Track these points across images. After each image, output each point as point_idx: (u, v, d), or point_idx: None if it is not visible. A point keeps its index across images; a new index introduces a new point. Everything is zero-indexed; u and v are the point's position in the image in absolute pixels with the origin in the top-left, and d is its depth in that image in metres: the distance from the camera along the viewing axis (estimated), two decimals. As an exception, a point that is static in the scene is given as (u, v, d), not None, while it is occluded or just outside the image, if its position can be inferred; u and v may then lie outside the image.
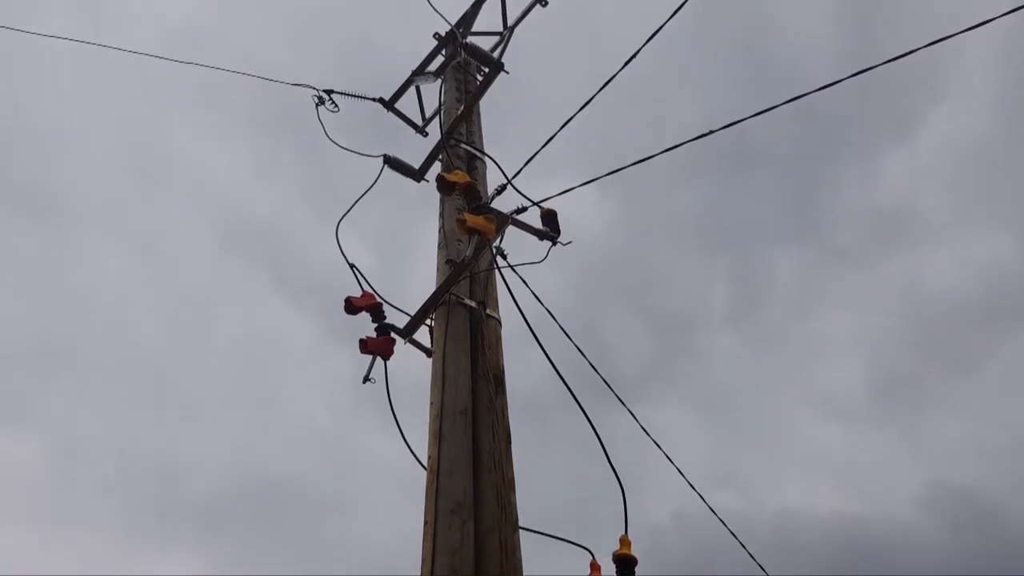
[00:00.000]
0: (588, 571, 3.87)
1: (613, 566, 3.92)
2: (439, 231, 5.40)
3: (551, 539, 4.02)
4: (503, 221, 5.00)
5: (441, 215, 5.48)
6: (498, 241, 5.03)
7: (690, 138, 4.58)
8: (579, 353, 4.88)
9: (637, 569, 3.92)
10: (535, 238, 5.29)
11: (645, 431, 4.96)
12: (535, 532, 3.99)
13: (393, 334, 4.92)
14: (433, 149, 6.32)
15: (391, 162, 6.18)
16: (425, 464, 4.10)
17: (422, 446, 4.24)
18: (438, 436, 4.04)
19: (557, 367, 4.50)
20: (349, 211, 5.66)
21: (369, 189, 5.96)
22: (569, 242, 5.28)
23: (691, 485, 5.28)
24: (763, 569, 5.57)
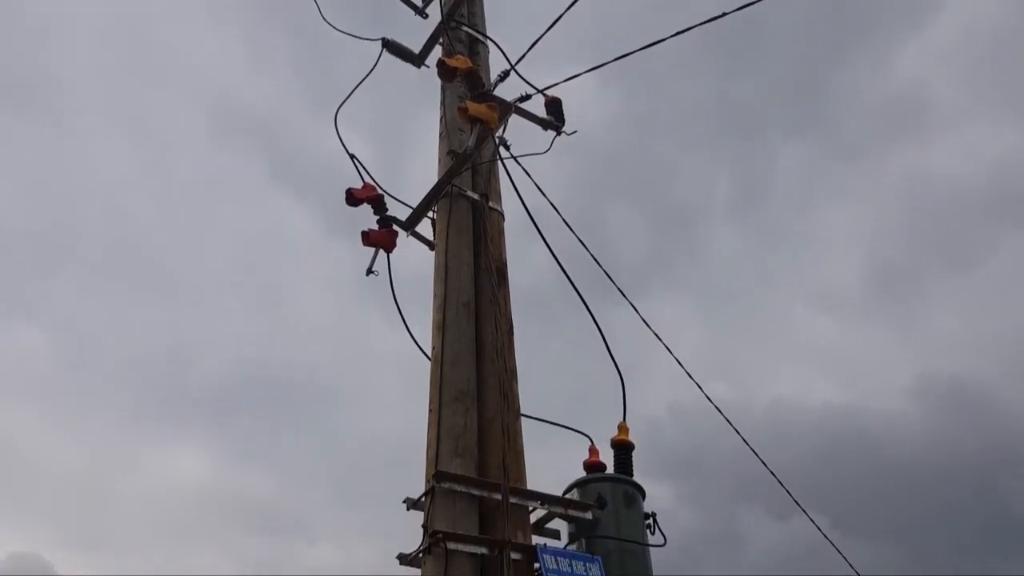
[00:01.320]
0: (588, 456, 4.00)
1: (611, 451, 4.05)
2: (440, 120, 5.26)
3: (552, 426, 4.14)
4: (506, 110, 4.86)
5: (442, 103, 5.32)
6: (501, 131, 4.91)
7: (701, 21, 4.37)
8: (580, 247, 4.86)
9: (634, 454, 4.06)
10: (538, 128, 5.16)
11: (644, 321, 5.01)
12: (536, 419, 4.10)
13: (395, 226, 4.89)
14: (433, 32, 6.06)
15: (390, 46, 5.94)
16: (429, 355, 4.16)
17: (426, 337, 4.29)
18: (441, 327, 4.08)
19: (559, 259, 4.49)
20: (348, 99, 5.48)
21: (368, 75, 5.76)
22: (573, 132, 5.16)
23: (687, 373, 5.38)
24: (757, 455, 5.75)
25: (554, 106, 5.16)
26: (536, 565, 3.43)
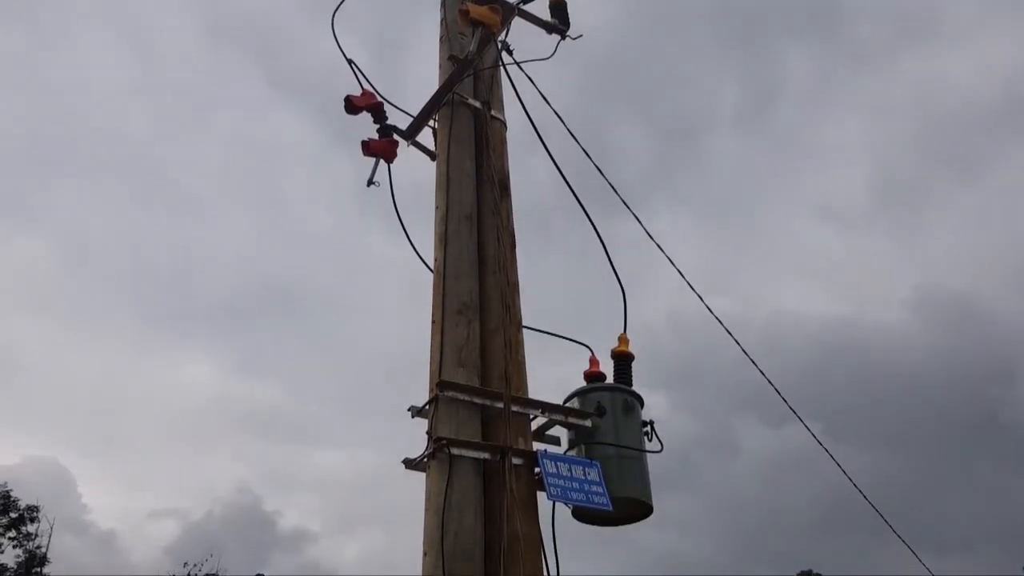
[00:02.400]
0: (588, 366, 4.06)
1: (611, 362, 4.11)
2: (440, 23, 5.08)
3: (553, 337, 4.18)
4: (509, 12, 4.69)
5: (443, 5, 5.13)
6: (503, 34, 4.76)
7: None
8: (581, 159, 4.78)
9: (633, 365, 4.12)
10: (542, 31, 4.99)
11: (646, 231, 4.99)
12: (538, 331, 4.14)
13: (396, 136, 4.80)
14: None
15: (387, -56, 5.67)
16: (431, 267, 4.16)
17: (428, 249, 4.28)
18: (443, 239, 4.07)
19: (561, 169, 4.44)
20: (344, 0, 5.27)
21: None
22: (579, 36, 4.99)
23: (688, 283, 5.40)
24: (753, 361, 5.84)
25: (559, 8, 4.97)
26: (536, 470, 3.54)
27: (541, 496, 3.52)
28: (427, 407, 3.65)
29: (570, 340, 4.16)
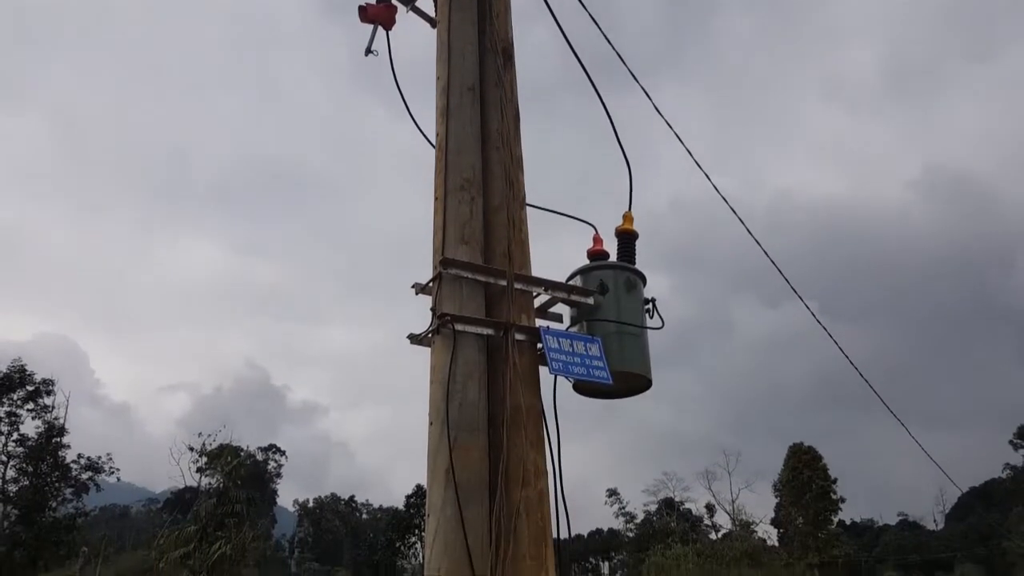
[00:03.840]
0: (592, 245, 4.04)
1: (615, 240, 4.09)
2: None
3: (556, 215, 4.14)
4: None
5: None
6: None
7: None
8: (584, 33, 4.58)
9: (636, 244, 4.10)
10: None
11: (654, 106, 4.86)
12: (541, 209, 4.10)
13: (394, 1, 4.57)
14: None
15: None
16: (433, 142, 4.07)
17: (429, 123, 4.17)
18: (445, 113, 3.95)
19: (567, 37, 4.25)
20: None
21: None
22: None
23: (695, 160, 5.32)
24: (755, 239, 5.83)
25: None
26: (539, 346, 3.60)
27: (543, 370, 3.60)
28: (431, 284, 3.67)
29: (574, 218, 4.12)
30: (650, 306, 3.93)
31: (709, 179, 4.88)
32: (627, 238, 4.08)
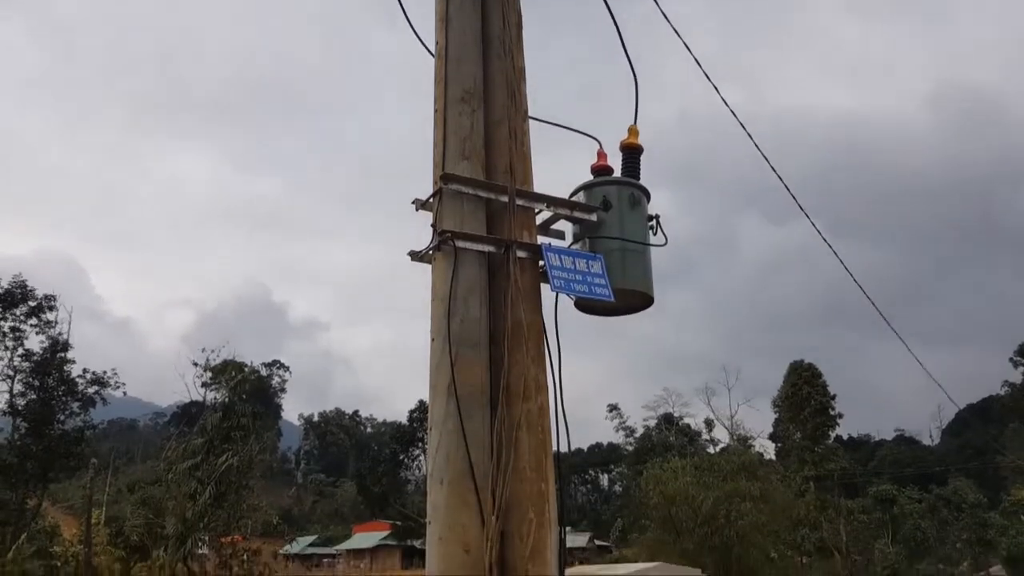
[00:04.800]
0: (595, 160, 3.95)
1: (620, 155, 4.00)
2: None
3: (560, 129, 4.02)
4: None
5: None
6: None
7: None
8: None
9: (642, 158, 4.01)
10: None
11: (660, 10, 4.66)
12: (544, 122, 3.98)
13: (389, -101, 4.32)
14: None
15: None
16: (432, 51, 3.92)
17: (428, 32, 4.01)
18: (444, 19, 3.79)
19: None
20: None
21: None
22: None
23: (703, 72, 5.17)
24: (763, 155, 5.73)
25: None
26: (541, 263, 3.56)
27: (544, 287, 3.58)
28: (431, 200, 3.60)
29: (577, 132, 4.01)
30: (654, 223, 3.87)
31: (717, 90, 4.74)
32: (632, 153, 3.98)
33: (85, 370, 31.41)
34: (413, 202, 3.70)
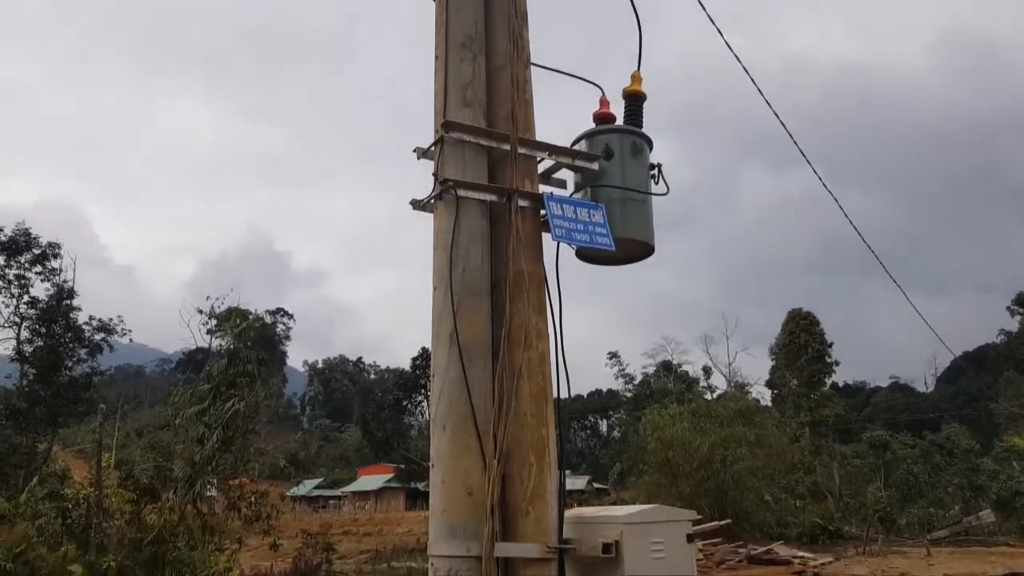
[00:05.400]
0: (598, 108, 3.92)
1: (622, 102, 3.96)
2: None
3: (563, 76, 3.98)
4: None
5: None
6: None
7: None
8: None
9: (645, 105, 3.98)
10: None
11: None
12: (547, 68, 3.94)
13: None
14: None
15: None
16: (433, -5, 3.86)
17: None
18: (445, -37, 3.72)
19: None
20: None
21: None
22: None
23: (708, 15, 5.08)
24: (769, 105, 5.68)
25: None
26: (542, 212, 3.57)
27: (546, 237, 3.59)
28: (432, 148, 3.59)
29: (580, 79, 3.97)
30: (656, 171, 3.87)
31: (721, 35, 4.67)
32: (635, 100, 3.95)
33: (91, 317, 31.62)
34: (415, 150, 3.69)
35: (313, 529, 21.84)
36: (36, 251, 30.04)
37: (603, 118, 3.90)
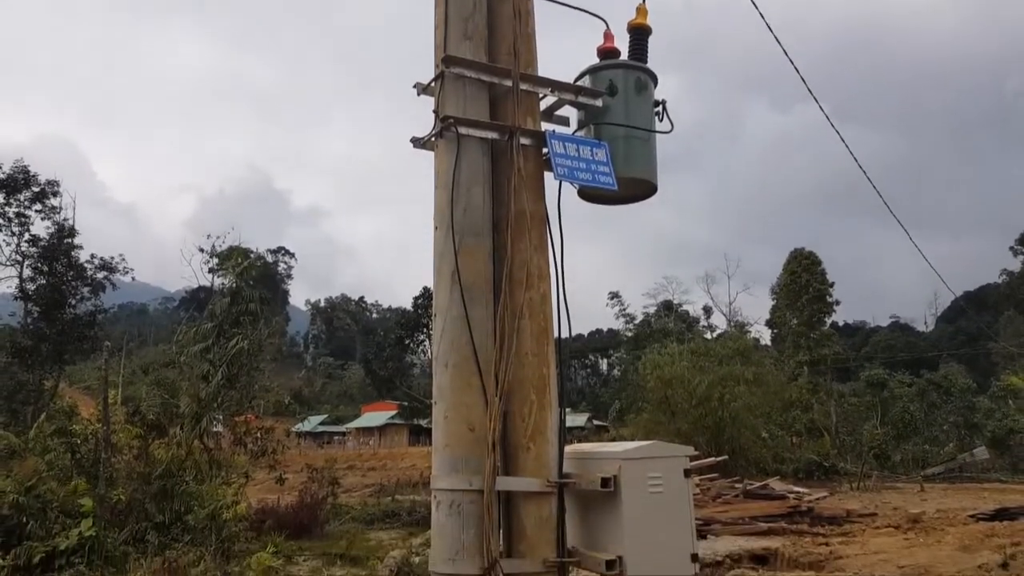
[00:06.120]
0: (602, 42, 3.83)
1: (627, 36, 3.86)
2: None
3: (566, 9, 3.86)
4: None
5: None
6: None
7: None
8: None
9: (650, 40, 3.88)
10: None
11: None
12: (549, 0, 3.82)
13: None
14: None
15: None
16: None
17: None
18: None
19: None
20: None
21: None
22: None
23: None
24: (776, 37, 5.55)
25: None
26: (544, 150, 3.52)
27: (548, 175, 3.55)
28: (433, 84, 3.52)
29: (583, 11, 3.86)
30: (660, 108, 3.79)
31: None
32: (640, 34, 3.85)
33: (93, 255, 31.65)
34: (414, 86, 3.62)
35: (318, 464, 22.29)
36: (35, 189, 29.87)
37: (607, 53, 3.81)
